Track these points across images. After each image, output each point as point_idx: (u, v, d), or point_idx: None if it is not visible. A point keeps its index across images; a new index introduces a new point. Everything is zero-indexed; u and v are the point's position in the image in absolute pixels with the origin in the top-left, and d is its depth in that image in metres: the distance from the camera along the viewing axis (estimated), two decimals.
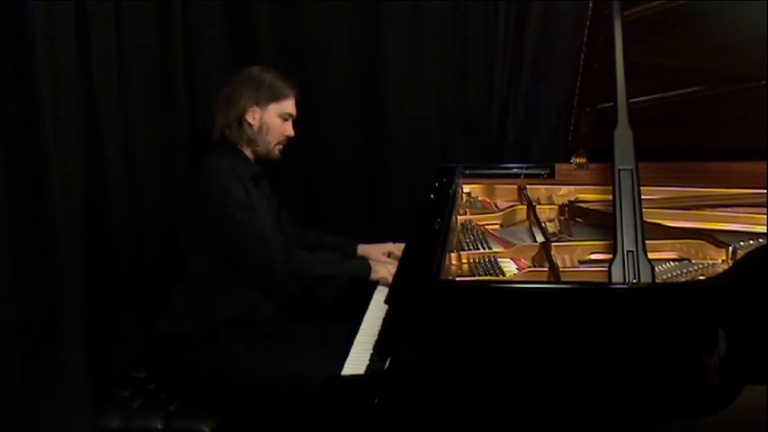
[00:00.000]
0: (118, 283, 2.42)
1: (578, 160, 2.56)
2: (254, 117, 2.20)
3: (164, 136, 2.59)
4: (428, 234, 1.96)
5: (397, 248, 2.41)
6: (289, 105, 2.25)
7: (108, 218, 2.37)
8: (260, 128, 2.21)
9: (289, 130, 2.26)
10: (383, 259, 2.39)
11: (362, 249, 2.47)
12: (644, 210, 1.70)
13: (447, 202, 2.22)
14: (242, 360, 2.08)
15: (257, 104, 2.19)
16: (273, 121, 2.22)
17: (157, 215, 2.52)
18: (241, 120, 2.19)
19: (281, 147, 2.27)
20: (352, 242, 2.50)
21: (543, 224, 2.15)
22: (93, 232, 2.33)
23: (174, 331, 2.12)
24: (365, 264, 2.25)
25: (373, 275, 2.23)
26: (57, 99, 2.11)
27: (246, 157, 2.24)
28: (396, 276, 1.96)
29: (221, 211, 2.06)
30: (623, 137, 1.82)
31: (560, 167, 2.57)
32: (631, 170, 1.74)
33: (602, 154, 2.16)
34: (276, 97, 2.21)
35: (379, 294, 2.22)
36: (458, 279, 1.89)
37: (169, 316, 2.15)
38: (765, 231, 1.99)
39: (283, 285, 2.11)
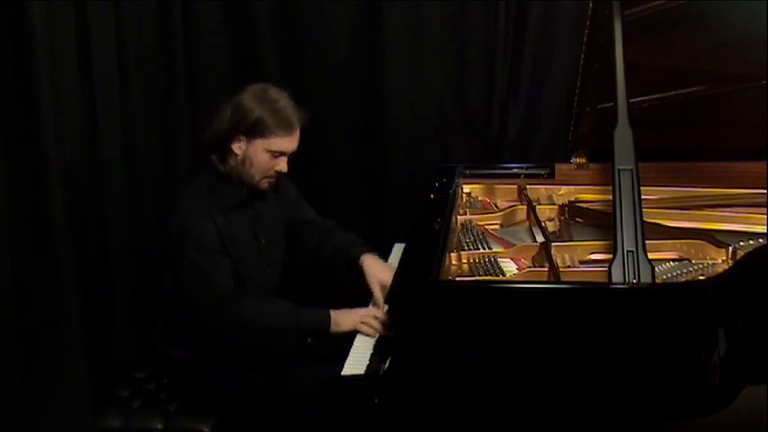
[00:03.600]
0: (118, 283, 2.42)
1: (578, 160, 2.56)
2: (240, 147, 2.00)
3: (164, 136, 2.59)
4: (428, 234, 1.96)
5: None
6: (280, 143, 2.01)
7: (108, 218, 2.37)
8: (243, 160, 2.01)
9: (280, 166, 2.04)
10: (375, 289, 2.15)
11: (365, 262, 2.21)
12: (644, 210, 1.70)
13: (447, 202, 2.22)
14: (240, 368, 2.07)
15: (245, 135, 1.99)
16: (259, 156, 2.00)
17: (157, 216, 2.51)
18: (224, 148, 2.01)
19: (270, 181, 2.06)
20: (360, 249, 2.26)
21: (543, 224, 2.15)
22: (94, 233, 2.33)
23: (168, 352, 2.11)
24: (323, 318, 2.00)
25: (335, 328, 1.99)
26: (57, 99, 2.11)
27: (230, 180, 2.05)
28: (396, 276, 1.96)
29: (177, 245, 1.97)
30: (623, 137, 1.82)
31: (560, 167, 2.57)
32: (631, 170, 1.75)
33: (602, 154, 2.16)
34: (265, 132, 1.98)
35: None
36: (458, 279, 1.89)
37: (162, 336, 2.13)
38: (765, 231, 1.99)
39: (221, 335, 1.97)
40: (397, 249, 2.45)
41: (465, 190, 2.57)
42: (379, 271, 2.18)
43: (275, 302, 2.06)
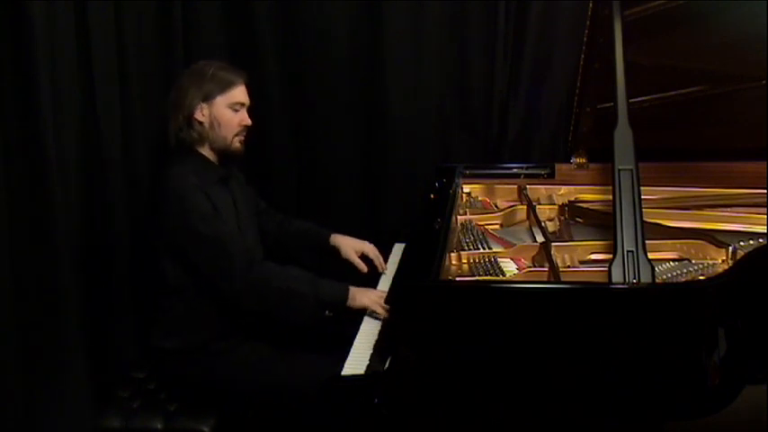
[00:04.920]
0: (118, 283, 2.42)
1: (578, 160, 2.56)
2: (203, 114, 2.11)
3: (164, 136, 2.58)
4: (428, 234, 1.96)
5: (372, 250, 2.35)
6: (237, 94, 2.14)
7: (108, 218, 2.37)
8: (211, 124, 2.12)
9: (244, 119, 2.15)
10: (353, 257, 2.31)
11: (336, 239, 2.36)
12: (644, 210, 1.70)
13: (447, 202, 2.23)
14: (239, 366, 2.06)
15: (203, 100, 2.10)
16: (224, 113, 2.12)
17: (149, 205, 2.51)
18: (190, 119, 2.11)
19: (240, 138, 2.16)
20: (326, 230, 2.40)
21: (543, 224, 2.15)
22: (93, 232, 2.33)
23: (164, 346, 2.11)
24: (343, 289, 2.04)
25: (351, 303, 2.02)
26: (57, 99, 2.11)
27: (207, 159, 2.15)
28: (396, 276, 1.96)
29: (180, 221, 2.01)
30: (623, 137, 1.82)
31: (560, 167, 2.58)
32: (631, 170, 1.75)
33: (602, 154, 2.16)
34: (222, 88, 2.11)
35: None
36: (458, 279, 1.89)
37: (158, 331, 2.13)
38: (765, 231, 1.99)
39: (244, 298, 2.01)
40: (397, 249, 2.46)
41: (465, 190, 2.57)
42: (351, 241, 2.35)
43: (294, 268, 2.09)
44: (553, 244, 1.93)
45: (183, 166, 2.08)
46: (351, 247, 2.33)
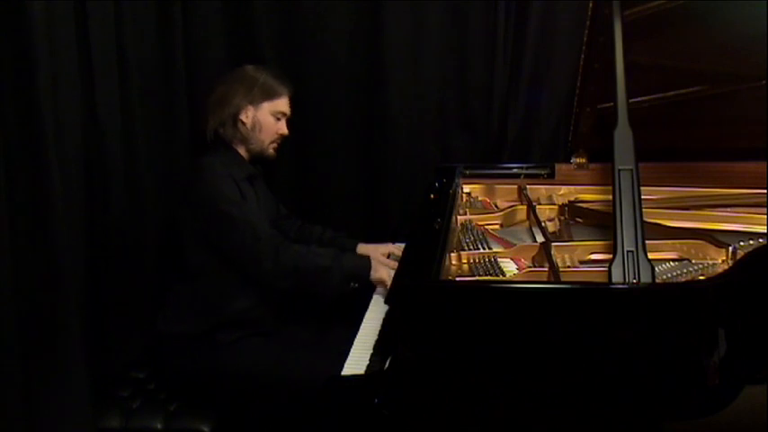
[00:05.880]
0: (118, 282, 2.42)
1: (578, 160, 2.56)
2: (247, 116, 2.22)
3: (164, 136, 2.59)
4: (428, 234, 1.96)
5: (398, 249, 2.40)
6: (282, 104, 2.27)
7: (108, 218, 2.37)
8: (253, 126, 2.23)
9: (283, 128, 2.28)
10: (384, 260, 2.38)
11: (363, 248, 2.45)
12: (644, 210, 1.70)
13: (447, 202, 2.22)
14: (241, 360, 2.08)
15: (251, 103, 2.22)
16: (267, 119, 2.24)
17: (158, 215, 2.52)
18: (235, 119, 2.22)
19: (275, 145, 2.29)
20: (353, 240, 2.49)
21: (543, 224, 2.15)
22: (94, 232, 2.33)
23: (171, 331, 2.13)
24: (365, 261, 2.21)
25: (373, 274, 2.18)
26: (57, 99, 2.11)
27: (241, 156, 2.26)
28: (396, 276, 1.95)
29: (211, 205, 2.09)
30: (623, 137, 1.82)
31: (560, 167, 2.58)
32: (631, 170, 1.75)
33: (602, 154, 2.16)
34: (270, 96, 2.24)
35: (379, 294, 2.22)
36: (458, 279, 1.89)
37: (167, 316, 2.16)
38: (765, 231, 1.99)
39: (274, 279, 2.09)
40: None
41: (465, 190, 2.57)
42: (378, 247, 2.44)
43: (316, 247, 2.23)
44: (553, 244, 1.93)
45: (216, 158, 2.18)
46: (380, 253, 2.41)
